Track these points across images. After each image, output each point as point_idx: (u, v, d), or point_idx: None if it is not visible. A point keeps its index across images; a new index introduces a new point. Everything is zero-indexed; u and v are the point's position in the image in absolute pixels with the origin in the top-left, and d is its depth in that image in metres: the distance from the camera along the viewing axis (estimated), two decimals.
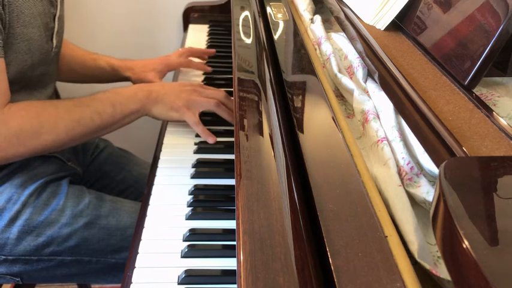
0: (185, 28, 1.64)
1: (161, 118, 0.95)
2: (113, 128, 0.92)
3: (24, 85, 0.89)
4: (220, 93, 0.99)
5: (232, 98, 0.98)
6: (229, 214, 0.79)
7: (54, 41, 0.91)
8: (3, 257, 0.90)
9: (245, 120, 0.69)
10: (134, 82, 1.23)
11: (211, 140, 0.96)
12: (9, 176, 0.92)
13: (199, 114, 0.97)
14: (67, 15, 1.07)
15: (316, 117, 0.66)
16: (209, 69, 1.28)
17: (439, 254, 0.51)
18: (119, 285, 0.71)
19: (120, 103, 0.90)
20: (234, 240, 0.70)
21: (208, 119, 1.01)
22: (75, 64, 1.20)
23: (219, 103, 0.97)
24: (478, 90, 0.60)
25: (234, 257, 0.70)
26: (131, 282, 0.67)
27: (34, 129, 0.83)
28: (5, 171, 0.92)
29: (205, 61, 1.34)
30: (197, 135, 0.99)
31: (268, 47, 0.90)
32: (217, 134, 0.99)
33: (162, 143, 0.97)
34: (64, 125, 0.85)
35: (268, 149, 0.63)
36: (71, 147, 1.12)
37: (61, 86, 1.32)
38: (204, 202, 0.82)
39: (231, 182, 0.86)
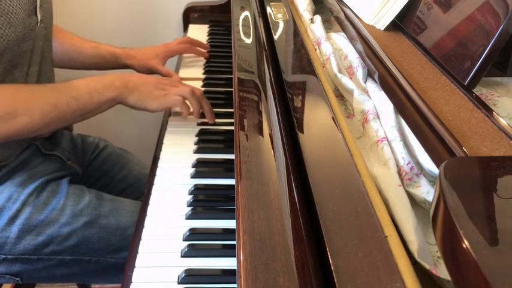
0: (185, 28, 1.64)
1: (137, 107, 0.94)
2: (87, 116, 0.91)
3: (10, 59, 0.86)
4: (187, 88, 0.98)
5: (199, 93, 1.00)
6: (229, 214, 0.79)
7: (39, 15, 0.89)
8: (2, 256, 0.90)
9: (245, 120, 0.69)
10: (138, 70, 1.24)
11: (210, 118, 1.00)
12: (9, 175, 0.92)
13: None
14: (66, 21, 1.06)
15: (316, 117, 0.66)
16: (207, 55, 1.35)
17: (439, 254, 0.51)
18: (119, 285, 0.71)
19: (97, 91, 0.89)
20: (234, 240, 0.70)
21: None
22: (74, 52, 1.19)
23: (183, 102, 0.97)
24: (478, 90, 0.60)
25: (234, 256, 0.70)
26: (131, 282, 0.67)
27: (8, 111, 0.80)
28: (4, 170, 0.92)
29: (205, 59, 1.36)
30: (197, 135, 0.99)
31: (268, 47, 0.90)
32: (216, 133, 0.99)
33: (162, 143, 0.97)
34: (39, 108, 0.83)
35: (268, 149, 0.63)
36: (70, 146, 1.12)
37: (60, 73, 1.32)
38: (204, 202, 0.82)
39: (231, 182, 0.86)
